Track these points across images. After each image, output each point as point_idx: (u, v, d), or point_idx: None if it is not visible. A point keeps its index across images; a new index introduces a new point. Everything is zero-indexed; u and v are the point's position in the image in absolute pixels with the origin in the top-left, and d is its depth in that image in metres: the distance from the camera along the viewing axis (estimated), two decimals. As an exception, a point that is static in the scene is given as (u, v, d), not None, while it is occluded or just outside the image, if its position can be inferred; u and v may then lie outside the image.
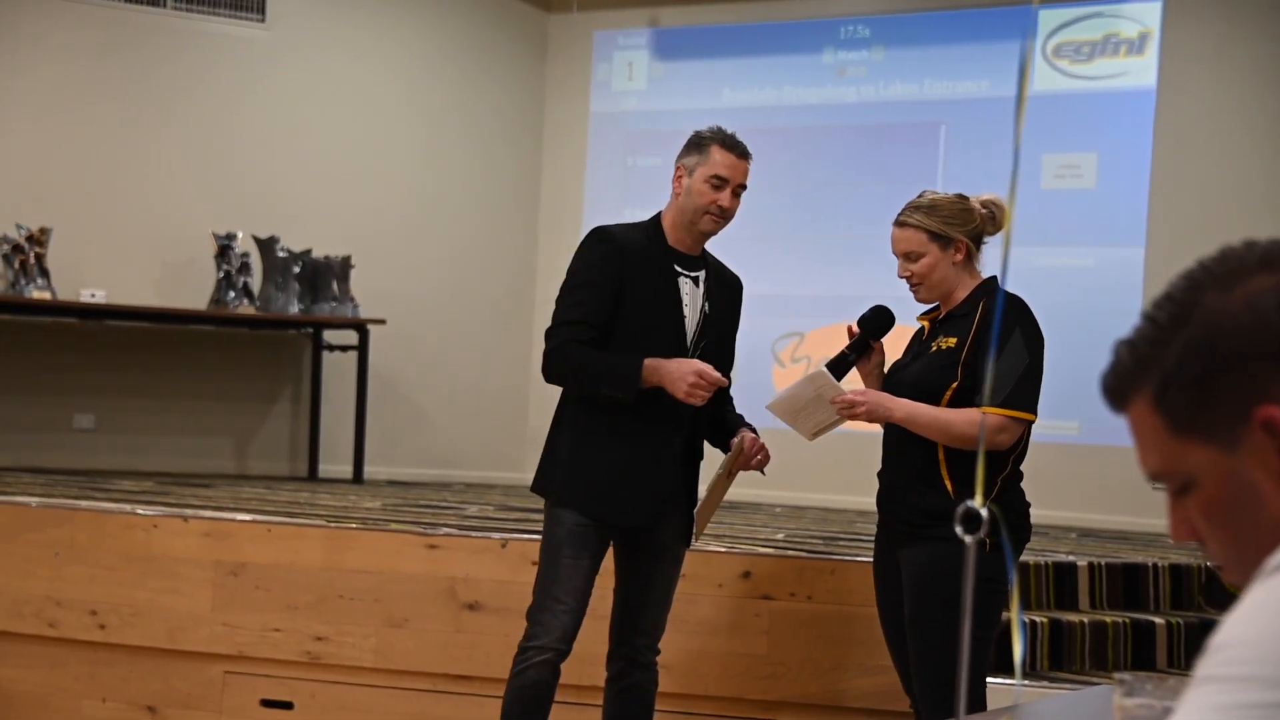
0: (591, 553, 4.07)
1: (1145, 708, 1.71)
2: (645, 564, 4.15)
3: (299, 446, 8.81)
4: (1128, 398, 1.35)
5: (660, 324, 4.05)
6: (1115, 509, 7.91)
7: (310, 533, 5.48)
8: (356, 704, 5.35)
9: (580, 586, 4.04)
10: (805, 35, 8.96)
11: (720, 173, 4.04)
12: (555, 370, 4.04)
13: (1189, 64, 8.06)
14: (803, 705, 4.93)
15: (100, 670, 5.64)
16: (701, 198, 4.05)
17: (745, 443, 4.05)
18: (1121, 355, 1.35)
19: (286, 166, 8.80)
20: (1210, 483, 1.30)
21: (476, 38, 9.39)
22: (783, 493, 8.58)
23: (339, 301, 8.61)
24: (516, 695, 4.07)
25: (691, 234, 4.11)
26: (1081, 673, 5.04)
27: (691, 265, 4.13)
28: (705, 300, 4.12)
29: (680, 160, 4.10)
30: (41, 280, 7.94)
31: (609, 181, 9.29)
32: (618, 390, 3.96)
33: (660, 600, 4.17)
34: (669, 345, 4.04)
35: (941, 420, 3.68)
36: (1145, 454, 1.35)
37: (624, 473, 4.04)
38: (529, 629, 4.08)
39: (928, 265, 3.79)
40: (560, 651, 4.05)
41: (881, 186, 8.87)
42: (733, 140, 4.09)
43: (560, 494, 4.09)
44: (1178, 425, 1.31)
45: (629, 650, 4.17)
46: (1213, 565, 1.25)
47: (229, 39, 8.71)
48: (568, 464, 4.08)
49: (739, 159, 4.07)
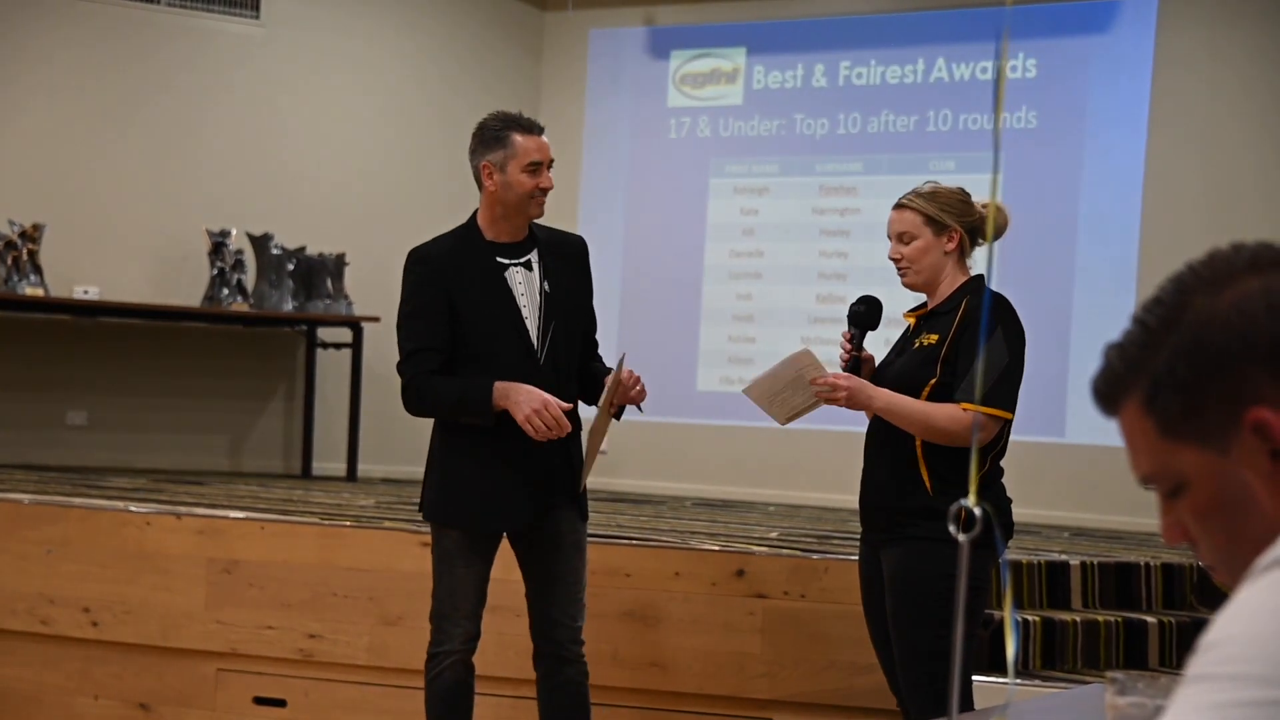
0: (482, 558, 4.15)
1: (1138, 706, 1.72)
2: (545, 558, 4.15)
3: (292, 444, 8.80)
4: (1118, 401, 1.35)
5: (499, 328, 4.06)
6: (1108, 509, 7.93)
7: (304, 530, 5.47)
8: (350, 702, 5.35)
9: (477, 591, 4.14)
10: (803, 33, 8.97)
11: (534, 158, 4.07)
12: (414, 406, 4.12)
13: (1183, 70, 8.07)
14: (796, 704, 4.94)
15: (93, 668, 5.64)
16: (523, 187, 4.07)
17: (624, 375, 4.01)
18: (1111, 359, 1.35)
19: (280, 164, 8.80)
20: (1202, 485, 1.31)
21: (472, 35, 9.39)
22: (776, 491, 8.59)
23: (333, 299, 8.61)
24: (439, 698, 4.17)
25: (515, 223, 4.13)
26: (1074, 672, 5.04)
27: (517, 251, 4.14)
28: (543, 279, 4.12)
29: (483, 158, 4.10)
30: (34, 277, 7.93)
31: (604, 179, 9.29)
32: (475, 419, 4.02)
33: (569, 591, 4.16)
34: (513, 345, 4.06)
35: (921, 412, 3.69)
36: (1137, 457, 1.36)
37: (498, 479, 4.06)
38: (436, 635, 4.16)
39: (919, 249, 3.81)
40: (469, 650, 4.15)
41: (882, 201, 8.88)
42: (528, 121, 4.12)
43: (442, 514, 4.14)
44: (1169, 428, 1.31)
45: (552, 647, 4.18)
46: (1205, 566, 1.27)
47: (223, 35, 8.70)
48: (442, 484, 4.13)
49: (540, 136, 4.11)
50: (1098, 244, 8.15)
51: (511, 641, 4.70)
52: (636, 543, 5.24)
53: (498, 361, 4.02)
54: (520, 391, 3.94)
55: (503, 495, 4.07)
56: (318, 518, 5.67)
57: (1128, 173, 8.13)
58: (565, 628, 4.16)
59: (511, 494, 4.07)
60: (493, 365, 4.02)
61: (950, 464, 3.70)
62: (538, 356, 4.07)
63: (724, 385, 8.91)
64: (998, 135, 1.45)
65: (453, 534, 4.12)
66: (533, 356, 4.06)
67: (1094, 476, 7.98)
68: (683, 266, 9.08)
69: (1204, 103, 8.02)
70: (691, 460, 8.84)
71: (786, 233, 8.88)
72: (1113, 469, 8.00)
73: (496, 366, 4.01)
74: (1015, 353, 3.74)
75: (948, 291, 3.83)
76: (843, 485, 8.13)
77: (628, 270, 9.07)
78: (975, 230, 3.86)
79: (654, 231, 9.18)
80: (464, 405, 4.01)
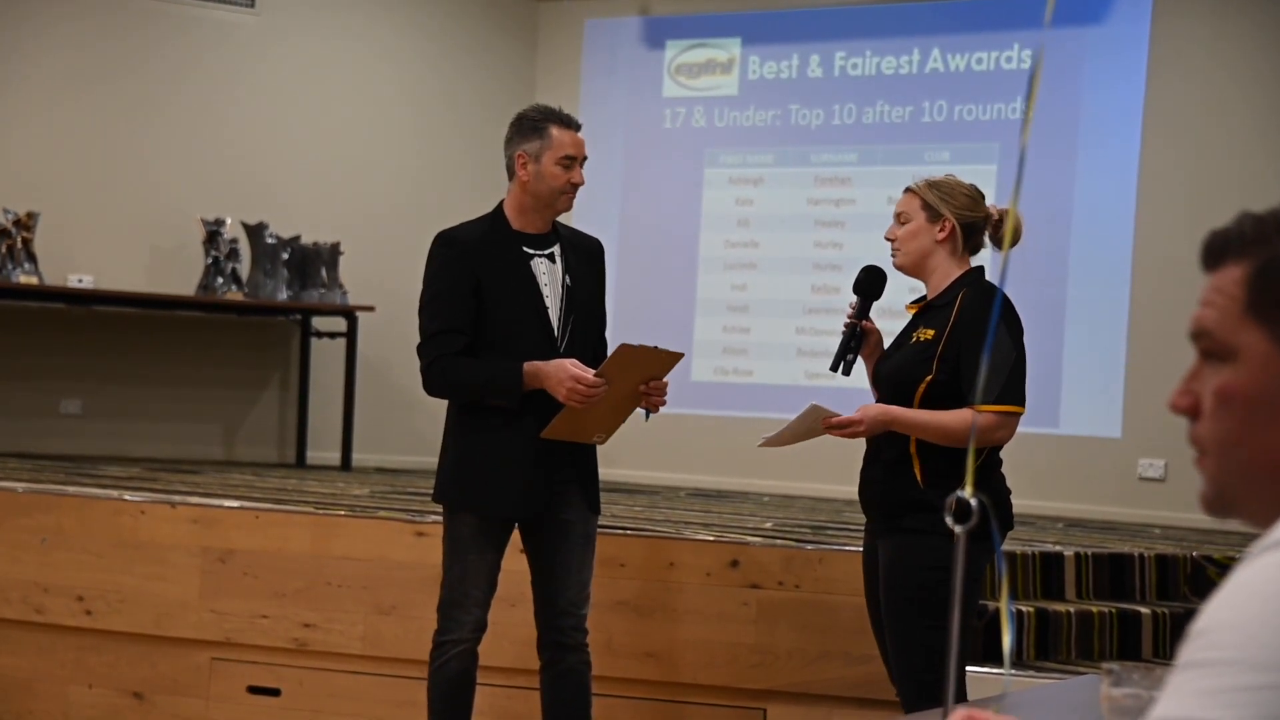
0: (495, 546, 4.15)
1: (1132, 697, 1.72)
2: (553, 547, 4.16)
3: (287, 433, 8.80)
4: (1224, 260, 1.35)
5: (522, 315, 4.07)
6: (1102, 500, 7.94)
7: (298, 519, 5.47)
8: (344, 691, 5.35)
9: (489, 580, 4.14)
10: (798, 24, 8.96)
11: (569, 152, 4.10)
12: (435, 387, 4.10)
13: (1178, 56, 8.07)
14: (790, 694, 4.94)
15: (87, 656, 5.64)
16: (556, 180, 4.09)
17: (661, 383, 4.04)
18: (1244, 223, 1.35)
19: (275, 152, 8.79)
20: (1249, 367, 1.31)
21: (467, 25, 9.38)
22: (771, 482, 8.60)
23: (327, 288, 8.61)
24: (444, 687, 4.17)
25: (544, 215, 4.15)
26: (1068, 662, 5.05)
27: (543, 243, 4.16)
28: (565, 274, 4.15)
29: (519, 147, 4.11)
30: (29, 265, 7.92)
31: (599, 169, 9.28)
32: (501, 400, 4.01)
33: (575, 580, 4.17)
34: (536, 333, 4.07)
35: (937, 423, 3.71)
36: (1206, 311, 1.35)
37: (514, 466, 4.06)
38: (443, 623, 4.17)
39: (910, 232, 3.85)
40: (476, 640, 4.16)
41: (874, 190, 8.90)
42: (566, 116, 4.14)
43: (457, 499, 4.14)
44: (1254, 307, 1.32)
45: (556, 635, 4.19)
46: (1191, 442, 1.25)
47: (218, 24, 8.69)
48: (458, 468, 4.12)
49: (577, 133, 4.14)
50: (1092, 236, 8.15)
51: (507, 631, 4.70)
52: (631, 533, 5.25)
53: (519, 348, 4.02)
54: (551, 368, 3.94)
55: (522, 483, 4.07)
56: (312, 507, 5.67)
57: (1122, 165, 8.13)
58: (570, 616, 4.17)
59: (529, 483, 4.07)
60: (514, 352, 4.03)
61: (945, 456, 3.71)
62: (559, 346, 4.08)
63: (719, 376, 8.91)
64: (1023, 154, 1.45)
65: (468, 519, 4.12)
66: (554, 346, 4.07)
67: (1088, 468, 7.99)
68: (677, 257, 9.08)
69: (1199, 94, 8.02)
70: (686, 451, 8.84)
71: (781, 223, 8.88)
72: (1107, 460, 8.02)
73: (518, 354, 4.02)
74: (1018, 345, 3.76)
75: (944, 283, 3.84)
76: (837, 476, 8.14)
77: (622, 261, 9.07)
78: (974, 227, 3.85)
79: (649, 222, 9.17)
80: (492, 386, 4.01)
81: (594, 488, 4.22)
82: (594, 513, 4.22)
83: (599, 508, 4.25)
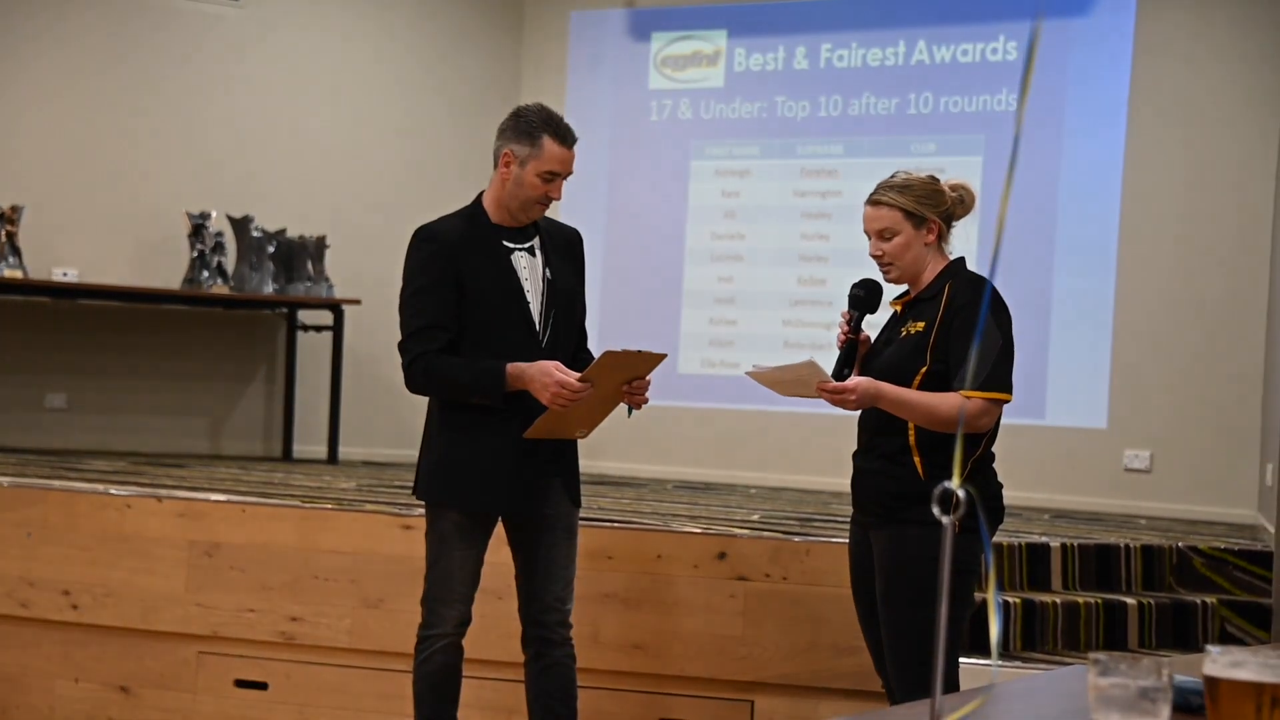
0: (478, 541, 4.14)
1: (1120, 687, 1.73)
2: (536, 542, 4.16)
3: (273, 427, 8.79)
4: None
5: (504, 309, 4.04)
6: (1088, 491, 7.96)
7: (285, 513, 5.47)
8: (331, 684, 5.35)
9: (473, 574, 4.14)
10: (784, 16, 8.96)
11: (554, 168, 4.04)
12: (418, 385, 4.07)
13: (1166, 46, 8.09)
14: (778, 685, 4.95)
15: (73, 650, 5.63)
16: (534, 190, 4.04)
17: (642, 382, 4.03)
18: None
19: (260, 146, 8.77)
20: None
21: (452, 17, 9.37)
22: (758, 474, 8.60)
23: (313, 281, 8.59)
24: (429, 681, 4.17)
25: (517, 217, 4.12)
26: (1054, 653, 5.07)
27: (522, 237, 4.13)
28: (545, 267, 4.13)
29: (509, 145, 4.05)
30: (13, 258, 7.90)
31: (585, 162, 9.27)
32: (485, 399, 3.99)
33: (559, 575, 4.17)
34: (518, 328, 4.04)
35: (925, 405, 3.71)
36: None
37: (497, 462, 4.05)
38: (427, 618, 4.16)
39: (901, 245, 3.82)
40: (461, 633, 4.16)
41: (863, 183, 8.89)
42: (565, 129, 4.05)
43: (440, 495, 4.13)
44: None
45: (541, 630, 4.19)
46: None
47: (202, 18, 8.67)
48: (441, 464, 4.11)
49: (570, 150, 4.05)
50: (1077, 227, 8.16)
51: (494, 624, 4.70)
52: (618, 525, 5.25)
53: (502, 344, 4.01)
54: (534, 371, 3.92)
55: (502, 476, 4.07)
56: (299, 500, 5.66)
57: (1108, 155, 8.14)
58: (554, 611, 4.17)
59: (512, 479, 4.07)
60: (496, 347, 4.01)
61: (944, 449, 3.72)
62: (541, 340, 4.07)
63: (705, 368, 8.91)
64: (1018, 127, 1.45)
65: (451, 515, 4.11)
66: (536, 340, 4.06)
67: (1074, 459, 8.01)
68: (664, 249, 9.08)
69: (1184, 85, 8.03)
70: (673, 443, 8.85)
71: (768, 215, 8.88)
72: (1093, 451, 8.04)
73: (500, 349, 4.00)
74: (1005, 334, 3.76)
75: (929, 278, 3.85)
76: (824, 468, 8.17)
77: (609, 253, 9.07)
78: (949, 216, 3.87)
79: (635, 214, 9.17)
80: (475, 387, 3.99)
81: (575, 482, 4.21)
82: (575, 506, 4.21)
83: (580, 501, 4.24)
